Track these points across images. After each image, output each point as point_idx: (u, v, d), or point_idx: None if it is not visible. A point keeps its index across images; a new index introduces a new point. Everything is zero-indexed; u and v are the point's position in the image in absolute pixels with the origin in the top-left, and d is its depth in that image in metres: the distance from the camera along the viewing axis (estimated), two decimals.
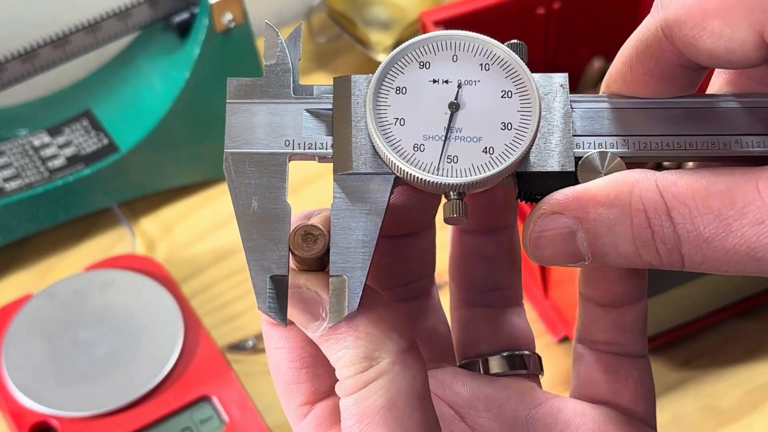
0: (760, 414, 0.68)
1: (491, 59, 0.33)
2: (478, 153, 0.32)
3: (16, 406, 0.66)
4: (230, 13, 0.76)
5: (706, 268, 0.31)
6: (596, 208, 0.31)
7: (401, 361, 0.32)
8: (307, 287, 0.33)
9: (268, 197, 0.32)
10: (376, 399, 0.32)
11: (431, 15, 0.74)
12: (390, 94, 0.32)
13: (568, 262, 0.32)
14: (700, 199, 0.30)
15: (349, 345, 0.32)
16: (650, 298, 0.65)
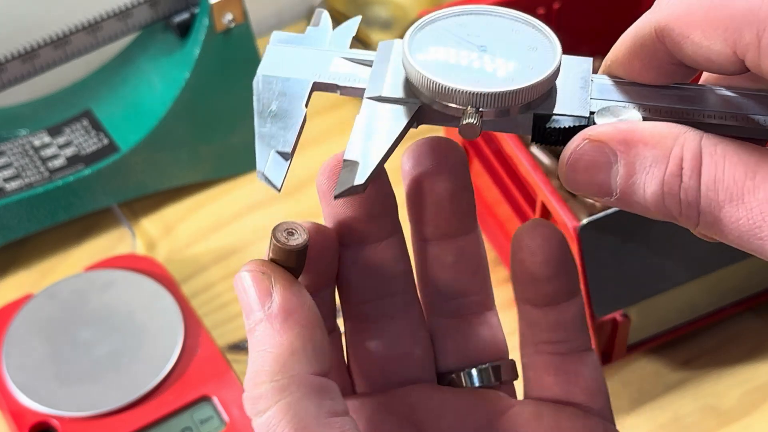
0: (760, 414, 0.68)
1: (522, 24, 0.36)
2: (500, 80, 0.34)
3: (16, 405, 0.66)
4: (230, 14, 0.76)
5: (716, 233, 0.31)
6: (640, 145, 0.32)
7: (304, 382, 0.33)
8: (268, 275, 0.34)
9: (287, 103, 0.35)
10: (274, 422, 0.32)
11: None
12: (426, 37, 0.36)
13: (596, 193, 0.33)
14: (729, 164, 0.31)
15: (265, 350, 0.33)
16: (650, 298, 0.66)
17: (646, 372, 0.70)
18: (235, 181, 0.83)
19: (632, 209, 0.33)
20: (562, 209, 0.63)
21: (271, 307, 0.34)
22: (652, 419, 0.68)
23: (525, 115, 0.34)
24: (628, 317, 0.66)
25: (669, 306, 0.68)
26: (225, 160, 0.83)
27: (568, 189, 0.34)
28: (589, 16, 0.80)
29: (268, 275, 0.34)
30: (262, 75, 0.36)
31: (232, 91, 0.80)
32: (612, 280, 0.64)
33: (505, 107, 0.34)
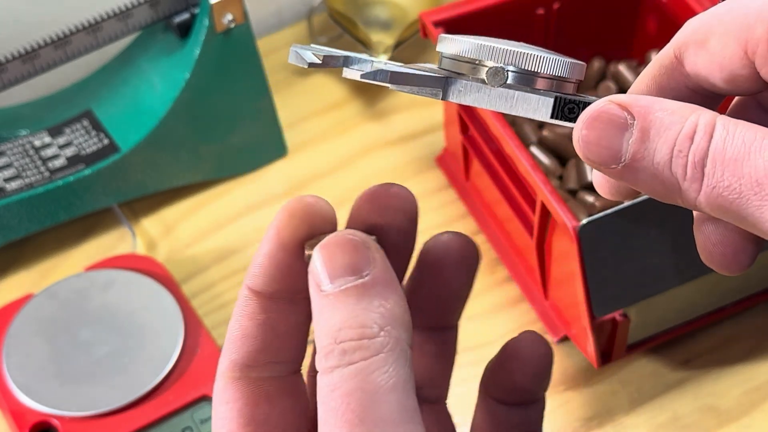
0: (760, 413, 0.68)
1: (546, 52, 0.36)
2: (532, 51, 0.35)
3: (16, 405, 0.66)
4: (230, 14, 0.76)
5: (716, 198, 0.31)
6: (659, 111, 0.32)
7: (403, 350, 0.32)
8: (366, 244, 0.33)
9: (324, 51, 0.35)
10: (378, 375, 0.31)
11: (431, 15, 0.74)
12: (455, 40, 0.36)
13: (605, 157, 0.33)
14: (740, 128, 0.31)
15: (370, 308, 0.32)
16: (650, 298, 0.66)
17: (645, 372, 0.70)
18: (235, 181, 0.83)
19: (636, 179, 0.33)
20: (561, 209, 0.63)
21: (372, 273, 0.32)
22: (651, 419, 0.68)
23: (544, 98, 0.35)
24: (628, 317, 0.66)
25: (668, 306, 0.68)
26: (225, 160, 0.83)
27: (577, 151, 0.34)
28: (589, 16, 0.80)
29: (366, 243, 0.33)
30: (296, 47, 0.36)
31: (232, 91, 0.80)
32: (612, 280, 0.64)
33: (535, 72, 0.34)
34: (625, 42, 0.82)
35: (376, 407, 0.31)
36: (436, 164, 0.83)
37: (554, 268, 0.69)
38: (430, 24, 0.74)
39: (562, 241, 0.66)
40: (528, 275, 0.74)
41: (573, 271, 0.64)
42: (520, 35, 0.80)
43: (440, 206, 0.80)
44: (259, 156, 0.84)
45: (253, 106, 0.82)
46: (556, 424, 0.69)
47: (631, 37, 0.82)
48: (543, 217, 0.67)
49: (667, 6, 0.77)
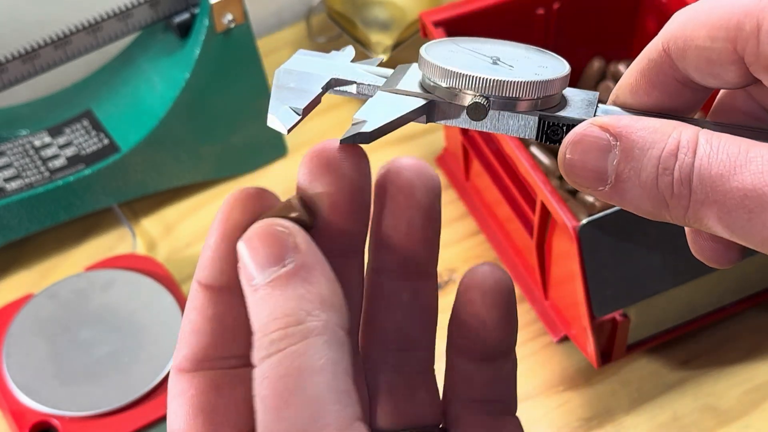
0: (760, 413, 0.68)
1: (533, 53, 0.37)
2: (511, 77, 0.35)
3: (16, 405, 0.66)
4: (230, 14, 0.76)
5: (705, 213, 0.32)
6: (640, 131, 0.33)
7: (333, 332, 0.31)
8: (287, 230, 0.33)
9: (305, 84, 0.36)
10: (306, 360, 0.31)
11: (431, 15, 0.74)
12: (442, 50, 0.36)
13: (592, 180, 0.33)
14: (724, 143, 0.32)
15: (295, 296, 0.31)
16: (650, 298, 0.66)
17: (645, 372, 0.70)
18: (235, 181, 0.83)
19: (623, 200, 0.33)
20: (561, 209, 0.63)
21: (295, 259, 0.32)
22: (651, 419, 0.68)
23: (530, 116, 0.35)
24: (628, 317, 0.66)
25: (668, 306, 0.68)
26: (225, 160, 0.83)
27: (564, 176, 0.34)
28: (589, 16, 0.80)
29: (287, 229, 0.33)
30: (284, 68, 0.37)
31: (232, 91, 0.80)
32: (611, 280, 0.64)
33: (515, 98, 0.35)
34: (625, 42, 0.82)
35: (301, 390, 0.30)
36: (436, 164, 0.83)
37: (554, 268, 0.69)
38: (430, 24, 0.74)
39: (562, 241, 0.66)
40: (528, 275, 0.74)
41: (573, 271, 0.64)
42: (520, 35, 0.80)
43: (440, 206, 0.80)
44: (259, 156, 0.84)
45: (253, 106, 0.82)
46: (556, 424, 0.69)
47: (631, 37, 0.82)
48: (543, 217, 0.67)
49: (667, 6, 0.77)
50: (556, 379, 0.71)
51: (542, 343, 0.72)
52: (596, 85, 0.81)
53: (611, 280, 0.64)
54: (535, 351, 0.72)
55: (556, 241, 0.67)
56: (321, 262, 0.33)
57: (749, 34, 0.32)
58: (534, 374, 0.71)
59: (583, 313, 0.65)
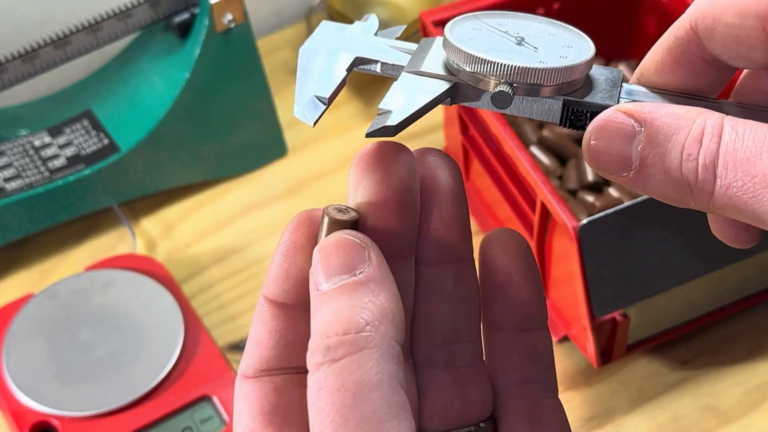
0: (760, 413, 0.68)
1: (558, 29, 0.38)
2: (535, 62, 0.35)
3: (16, 405, 0.66)
4: (230, 14, 0.76)
5: (729, 198, 0.32)
6: (666, 117, 0.33)
7: (390, 345, 0.32)
8: (363, 244, 0.33)
9: (329, 66, 0.36)
10: (362, 374, 0.31)
11: (431, 15, 0.74)
12: (467, 29, 0.36)
13: (616, 166, 0.33)
14: (750, 128, 0.32)
15: (360, 304, 0.32)
16: (650, 298, 0.66)
17: (645, 372, 0.70)
18: (235, 181, 0.83)
19: (647, 186, 0.33)
20: (561, 209, 0.63)
21: (365, 271, 0.33)
22: (651, 419, 0.68)
23: (554, 100, 0.35)
24: (628, 317, 0.66)
25: (668, 306, 0.68)
26: (225, 160, 0.83)
27: (588, 162, 0.34)
28: (589, 16, 0.80)
29: (363, 242, 0.33)
30: (309, 45, 0.37)
31: (232, 91, 0.80)
32: (611, 279, 0.64)
33: (540, 83, 0.35)
34: (625, 42, 0.82)
35: (360, 406, 0.31)
36: None
37: (554, 268, 0.69)
38: (430, 24, 0.74)
39: (562, 241, 0.66)
40: None
41: (573, 271, 0.64)
42: None
43: None
44: (259, 156, 0.84)
45: (253, 106, 0.82)
46: None
47: (631, 37, 0.82)
48: (543, 217, 0.67)
49: (667, 6, 0.77)
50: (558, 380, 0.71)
51: None
52: None
53: (611, 280, 0.64)
54: None
55: (556, 241, 0.67)
56: (390, 279, 0.33)
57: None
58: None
59: (583, 313, 0.65)
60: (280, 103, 0.84)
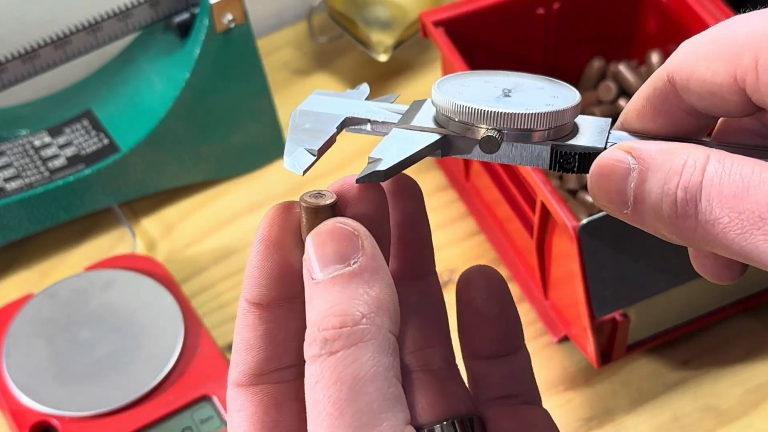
0: (760, 413, 0.68)
1: (545, 83, 0.38)
2: (522, 109, 0.36)
3: (16, 405, 0.66)
4: (230, 14, 0.76)
5: (715, 235, 0.32)
6: (654, 153, 0.33)
7: (386, 336, 0.32)
8: (356, 232, 0.33)
9: (320, 124, 0.37)
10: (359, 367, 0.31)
11: (431, 15, 0.74)
12: (455, 85, 0.37)
13: (614, 203, 0.34)
14: (736, 164, 0.32)
15: (355, 296, 0.32)
16: (650, 298, 0.66)
17: (645, 372, 0.70)
18: (235, 181, 0.83)
19: (644, 222, 0.34)
20: (561, 209, 0.63)
21: (359, 261, 0.33)
22: (651, 419, 0.68)
23: (543, 146, 0.36)
24: (628, 317, 0.66)
25: (668, 306, 0.68)
26: (225, 160, 0.83)
27: (594, 201, 0.35)
28: (589, 16, 0.80)
29: (356, 231, 0.34)
30: (300, 110, 0.38)
31: (232, 91, 0.80)
32: (611, 280, 0.64)
33: (528, 129, 0.35)
34: (625, 42, 0.82)
35: (356, 399, 0.31)
36: (436, 164, 0.83)
37: (554, 268, 0.69)
38: (430, 24, 0.74)
39: (562, 241, 0.66)
40: (528, 275, 0.74)
41: (573, 271, 0.64)
42: (520, 35, 0.80)
43: (440, 206, 0.80)
44: (259, 156, 0.84)
45: (253, 106, 0.82)
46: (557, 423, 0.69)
47: (631, 37, 0.82)
48: (543, 217, 0.67)
49: (667, 6, 0.77)
50: (557, 379, 0.71)
51: (542, 343, 0.72)
52: (596, 85, 0.81)
53: (611, 280, 0.64)
54: (535, 351, 0.72)
55: (556, 241, 0.67)
56: (384, 267, 0.34)
57: (748, 66, 0.32)
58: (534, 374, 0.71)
59: (583, 313, 0.65)
60: (280, 103, 0.84)
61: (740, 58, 0.32)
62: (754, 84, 0.32)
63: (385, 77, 0.90)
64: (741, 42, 0.32)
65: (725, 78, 0.33)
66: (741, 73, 0.33)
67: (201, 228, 0.81)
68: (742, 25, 0.33)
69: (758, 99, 0.33)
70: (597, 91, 0.80)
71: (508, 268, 0.76)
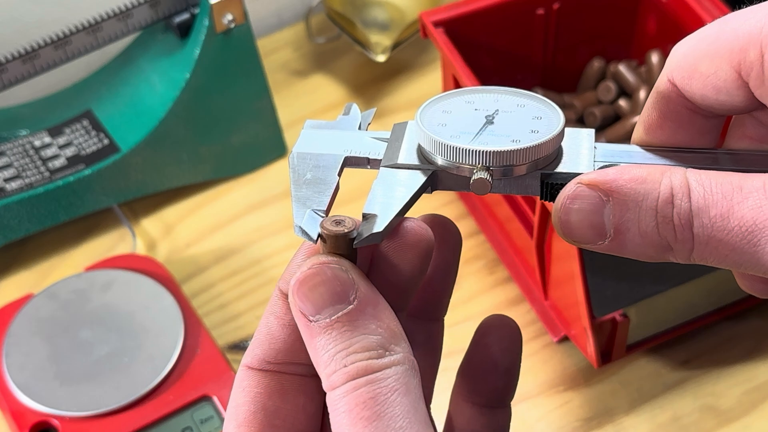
0: (760, 414, 0.68)
1: (527, 99, 0.38)
2: (506, 141, 0.36)
3: (16, 405, 0.66)
4: (230, 14, 0.76)
5: (710, 252, 0.32)
6: (629, 183, 0.33)
7: (411, 362, 0.33)
8: (344, 268, 0.34)
9: (321, 173, 0.37)
10: (391, 382, 0.32)
11: (431, 16, 0.74)
12: (437, 112, 0.37)
13: (590, 237, 0.34)
14: (716, 184, 0.32)
15: (368, 332, 0.33)
16: (650, 298, 0.66)
17: (645, 372, 0.71)
18: (235, 181, 0.83)
19: (624, 250, 0.34)
20: None
21: (357, 296, 0.33)
22: (651, 419, 0.68)
23: (533, 176, 0.36)
24: (628, 317, 0.66)
25: (668, 306, 0.68)
26: (225, 160, 0.83)
27: (562, 236, 0.35)
28: (589, 16, 0.80)
29: (345, 267, 0.34)
30: (297, 152, 0.38)
31: (232, 92, 0.80)
32: (611, 280, 0.64)
33: (513, 164, 0.35)
34: (625, 42, 0.82)
35: (390, 406, 0.32)
36: None
37: (554, 268, 0.69)
38: (429, 24, 0.74)
39: (562, 241, 0.66)
40: (528, 275, 0.74)
41: (573, 271, 0.64)
42: (520, 35, 0.80)
43: (440, 206, 0.80)
44: (259, 156, 0.84)
45: (253, 106, 0.82)
46: (556, 424, 0.69)
47: (631, 37, 0.82)
48: (543, 217, 0.67)
49: (667, 6, 0.77)
50: (556, 379, 0.71)
51: (542, 343, 0.72)
52: (596, 85, 0.81)
53: (611, 280, 0.64)
54: (535, 351, 0.72)
55: (556, 241, 0.67)
56: (378, 295, 0.34)
57: (753, 60, 0.32)
58: (534, 374, 0.71)
59: (583, 313, 0.65)
60: (280, 103, 0.84)
61: (745, 53, 0.33)
62: (759, 78, 0.33)
63: (383, 78, 0.90)
64: (745, 37, 0.33)
65: (729, 74, 0.33)
66: (746, 68, 0.33)
67: (201, 228, 0.81)
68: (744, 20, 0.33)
69: (761, 94, 0.33)
70: (597, 91, 0.80)
71: (508, 268, 0.76)
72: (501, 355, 0.40)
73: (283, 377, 0.37)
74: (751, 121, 0.36)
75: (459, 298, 0.75)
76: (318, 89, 0.89)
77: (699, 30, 0.35)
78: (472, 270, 0.77)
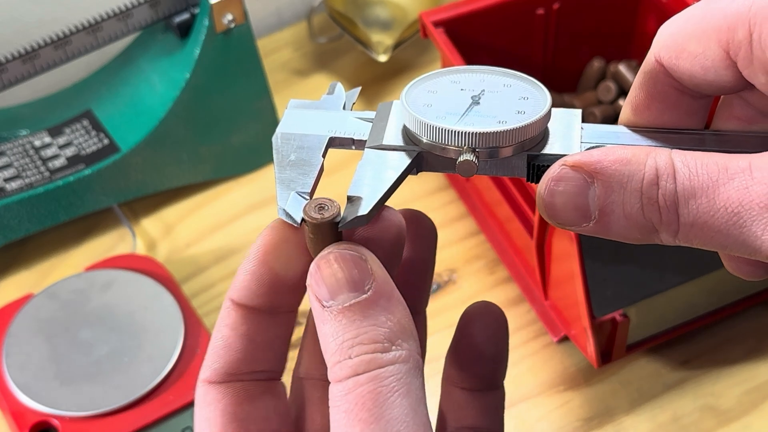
0: (760, 413, 0.68)
1: (513, 79, 0.37)
2: (493, 122, 0.35)
3: (16, 405, 0.66)
4: (230, 14, 0.77)
5: (696, 234, 0.32)
6: (614, 164, 0.33)
7: (416, 360, 0.33)
8: (363, 257, 0.33)
9: (305, 154, 0.37)
10: (392, 382, 0.32)
11: (431, 15, 0.74)
12: (422, 92, 0.37)
13: (575, 219, 0.34)
14: (701, 164, 0.32)
15: (378, 323, 0.32)
16: (650, 298, 0.66)
17: (645, 372, 0.71)
18: (235, 181, 0.83)
19: (609, 231, 0.34)
20: None
21: (374, 286, 0.33)
22: (651, 419, 0.68)
23: (519, 157, 0.36)
24: (628, 317, 0.66)
25: (668, 306, 0.68)
26: (225, 160, 0.83)
27: (546, 219, 0.34)
28: (589, 16, 0.80)
29: (363, 256, 0.34)
30: (281, 132, 0.37)
31: (232, 91, 0.80)
32: (611, 280, 0.64)
33: (499, 146, 0.35)
34: (625, 42, 0.82)
35: (389, 408, 0.31)
36: None
37: (554, 268, 0.69)
38: (430, 24, 0.74)
39: (562, 241, 0.66)
40: (528, 275, 0.74)
41: (573, 271, 0.64)
42: (520, 35, 0.80)
43: (440, 206, 0.80)
44: (259, 156, 0.84)
45: (253, 106, 0.82)
46: (556, 424, 0.69)
47: (631, 37, 0.82)
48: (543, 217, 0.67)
49: (667, 6, 0.77)
50: (556, 379, 0.71)
51: (542, 343, 0.72)
52: (596, 85, 0.81)
53: (611, 279, 0.64)
54: (535, 351, 0.72)
55: (556, 241, 0.67)
56: (395, 290, 0.34)
57: (742, 39, 0.32)
58: (534, 374, 0.71)
59: (583, 313, 0.65)
60: (280, 103, 0.84)
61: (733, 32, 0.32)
62: (748, 58, 0.32)
63: (384, 77, 0.90)
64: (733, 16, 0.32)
65: (717, 53, 0.33)
66: (734, 47, 0.33)
67: (201, 228, 0.81)
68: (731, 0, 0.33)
69: (749, 74, 0.33)
70: (597, 91, 0.80)
71: (508, 268, 0.76)
72: (486, 343, 0.40)
73: (247, 384, 0.37)
74: (739, 102, 0.36)
75: (459, 297, 0.75)
76: (319, 89, 0.89)
77: (686, 9, 0.34)
78: (472, 270, 0.77)
